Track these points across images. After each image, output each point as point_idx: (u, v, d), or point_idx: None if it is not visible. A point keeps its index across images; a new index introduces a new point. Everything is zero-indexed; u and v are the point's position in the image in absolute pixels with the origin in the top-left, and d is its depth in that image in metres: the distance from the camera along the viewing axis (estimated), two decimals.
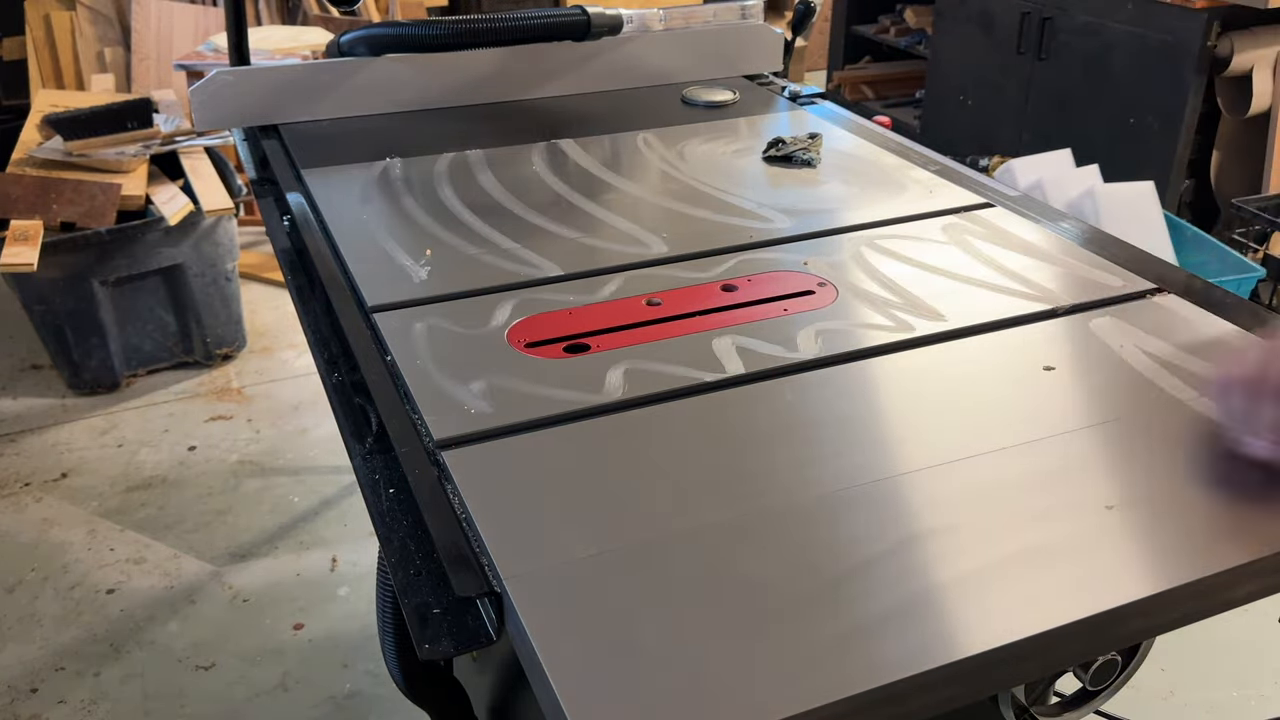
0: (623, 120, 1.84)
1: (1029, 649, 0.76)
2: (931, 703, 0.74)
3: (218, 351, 3.44)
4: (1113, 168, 3.35)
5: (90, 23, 4.46)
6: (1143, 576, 0.82)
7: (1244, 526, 0.87)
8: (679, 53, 2.02)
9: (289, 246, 1.44)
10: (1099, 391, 1.06)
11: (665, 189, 1.56)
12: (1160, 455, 0.96)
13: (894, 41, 5.19)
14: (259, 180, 1.66)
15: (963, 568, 0.82)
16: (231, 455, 3.02)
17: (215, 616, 2.45)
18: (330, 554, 2.64)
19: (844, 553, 0.84)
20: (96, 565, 2.61)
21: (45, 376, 3.40)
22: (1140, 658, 1.04)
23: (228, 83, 1.75)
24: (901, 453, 0.96)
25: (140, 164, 3.23)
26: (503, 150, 1.70)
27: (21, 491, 2.88)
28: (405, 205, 1.49)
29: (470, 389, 1.05)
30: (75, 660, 2.33)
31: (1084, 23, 3.79)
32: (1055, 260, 1.33)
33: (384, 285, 1.26)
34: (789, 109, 1.91)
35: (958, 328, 1.17)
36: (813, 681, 0.72)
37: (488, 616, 0.81)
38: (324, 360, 1.17)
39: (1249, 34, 3.44)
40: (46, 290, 3.08)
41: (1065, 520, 0.88)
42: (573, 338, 1.16)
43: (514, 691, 1.34)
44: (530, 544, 0.84)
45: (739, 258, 1.34)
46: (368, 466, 0.98)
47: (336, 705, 2.23)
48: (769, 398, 1.05)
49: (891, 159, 1.67)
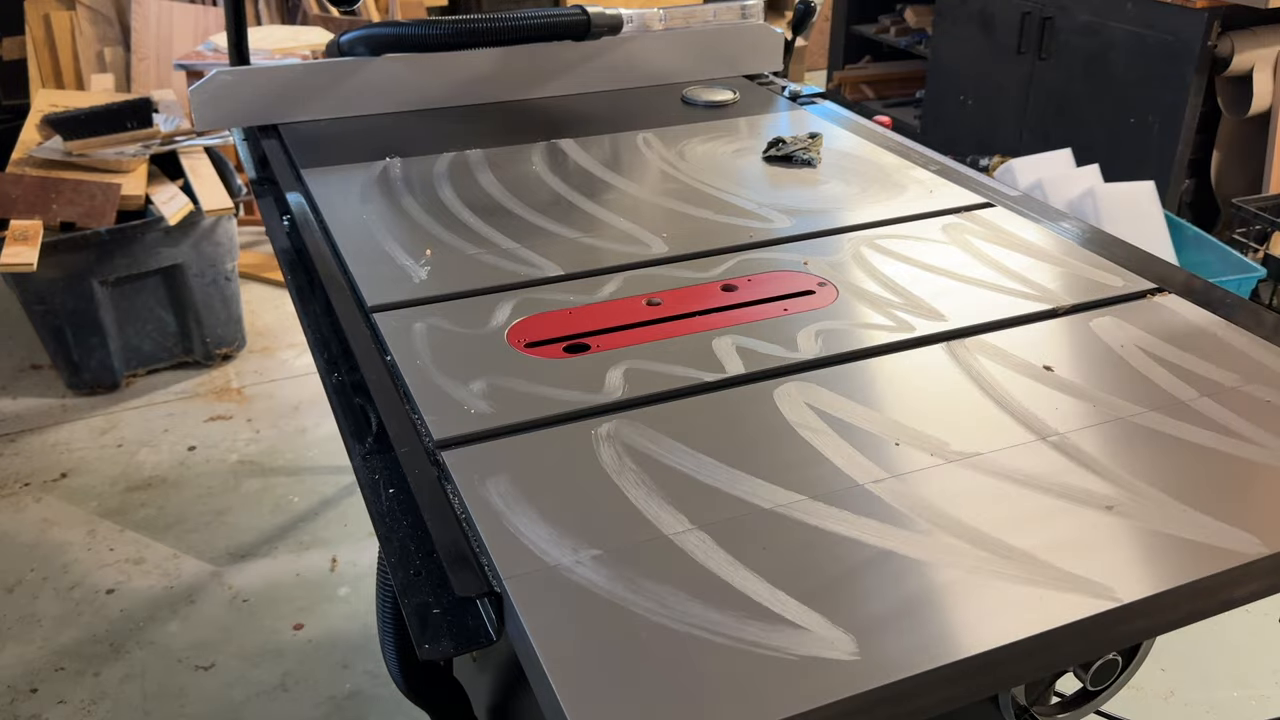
0: (623, 120, 1.84)
1: (1029, 649, 0.76)
2: (931, 703, 0.74)
3: (217, 351, 3.44)
4: (1113, 168, 3.36)
5: (90, 22, 4.46)
6: (1143, 576, 0.82)
7: (1244, 526, 0.87)
8: (679, 53, 2.02)
9: (289, 246, 1.44)
10: (1099, 391, 1.06)
11: (665, 189, 1.56)
12: (1160, 455, 0.96)
13: (894, 41, 5.19)
14: (259, 180, 1.66)
15: (962, 568, 0.82)
16: (231, 455, 3.02)
17: (215, 616, 2.45)
18: (330, 554, 2.64)
19: (844, 553, 0.84)
20: (96, 565, 2.61)
21: (45, 376, 3.40)
22: (1140, 658, 1.04)
23: (228, 83, 1.75)
24: (901, 453, 0.96)
25: (140, 164, 3.23)
26: (503, 150, 1.70)
27: (21, 491, 2.88)
28: (405, 205, 1.49)
29: (470, 389, 1.05)
30: (75, 660, 2.33)
31: (1084, 22, 3.79)
32: (1055, 260, 1.33)
33: (384, 285, 1.26)
34: (789, 109, 1.91)
35: (958, 327, 1.17)
36: (812, 681, 0.72)
37: (488, 616, 0.81)
38: (324, 360, 1.17)
39: (1249, 34, 3.44)
40: (46, 290, 3.08)
41: (1065, 520, 0.88)
42: (573, 338, 1.16)
43: (514, 691, 1.34)
44: (530, 544, 0.84)
45: (739, 258, 1.34)
46: (368, 466, 0.98)
47: (336, 705, 2.23)
48: (769, 398, 1.05)
49: (891, 159, 1.66)
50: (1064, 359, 1.11)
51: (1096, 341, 1.15)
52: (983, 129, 4.39)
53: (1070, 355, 1.12)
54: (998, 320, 1.19)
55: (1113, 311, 1.21)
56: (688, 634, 0.76)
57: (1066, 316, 1.20)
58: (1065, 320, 1.20)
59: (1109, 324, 1.18)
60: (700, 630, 0.76)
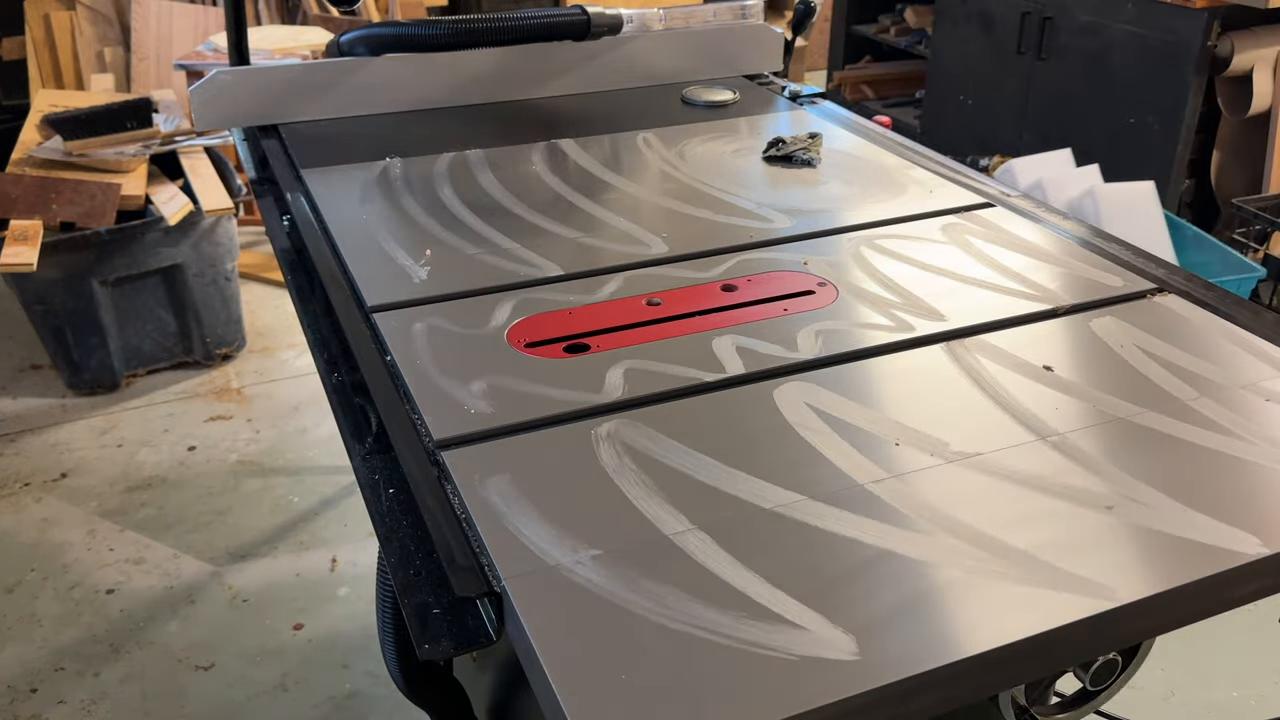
0: (623, 120, 1.84)
1: (1029, 649, 0.76)
2: (931, 703, 0.74)
3: (217, 351, 3.44)
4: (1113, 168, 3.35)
5: (90, 22, 4.46)
6: (1142, 576, 0.82)
7: (1244, 526, 0.87)
8: (679, 53, 2.02)
9: (289, 246, 1.44)
10: (1099, 391, 1.06)
11: (665, 189, 1.56)
12: (1160, 455, 0.96)
13: (894, 41, 5.19)
14: (259, 180, 1.66)
15: (962, 568, 0.82)
16: (231, 455, 3.02)
17: (215, 616, 2.45)
18: (330, 554, 2.64)
19: (844, 553, 0.84)
20: (96, 565, 2.61)
21: (45, 376, 3.40)
22: (1140, 658, 1.04)
23: (228, 83, 1.75)
24: (901, 453, 0.96)
25: (140, 164, 3.23)
26: (503, 150, 1.70)
27: (21, 491, 2.88)
28: (405, 205, 1.49)
29: (470, 389, 1.05)
30: (75, 660, 2.33)
31: (1084, 23, 3.79)
32: (1055, 260, 1.33)
33: (384, 285, 1.26)
34: (789, 109, 1.91)
35: (958, 327, 1.17)
36: (812, 681, 0.72)
37: (487, 616, 0.81)
38: (324, 360, 1.17)
39: (1249, 34, 3.43)
40: (46, 290, 3.08)
41: (1065, 520, 0.88)
42: (573, 338, 1.16)
43: (514, 691, 1.34)
44: (530, 544, 0.84)
45: (739, 258, 1.34)
46: (368, 466, 0.98)
47: (336, 705, 2.22)
48: (769, 398, 1.05)
49: (891, 159, 1.66)
50: (1064, 359, 1.11)
51: (1096, 341, 1.15)
52: (983, 129, 4.39)
53: (1070, 355, 1.12)
54: (998, 320, 1.19)
55: (1113, 311, 1.21)
56: (688, 634, 0.76)
57: (1066, 316, 1.20)
58: (1065, 320, 1.20)
59: (1109, 324, 1.18)
60: (700, 630, 0.76)
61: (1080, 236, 1.40)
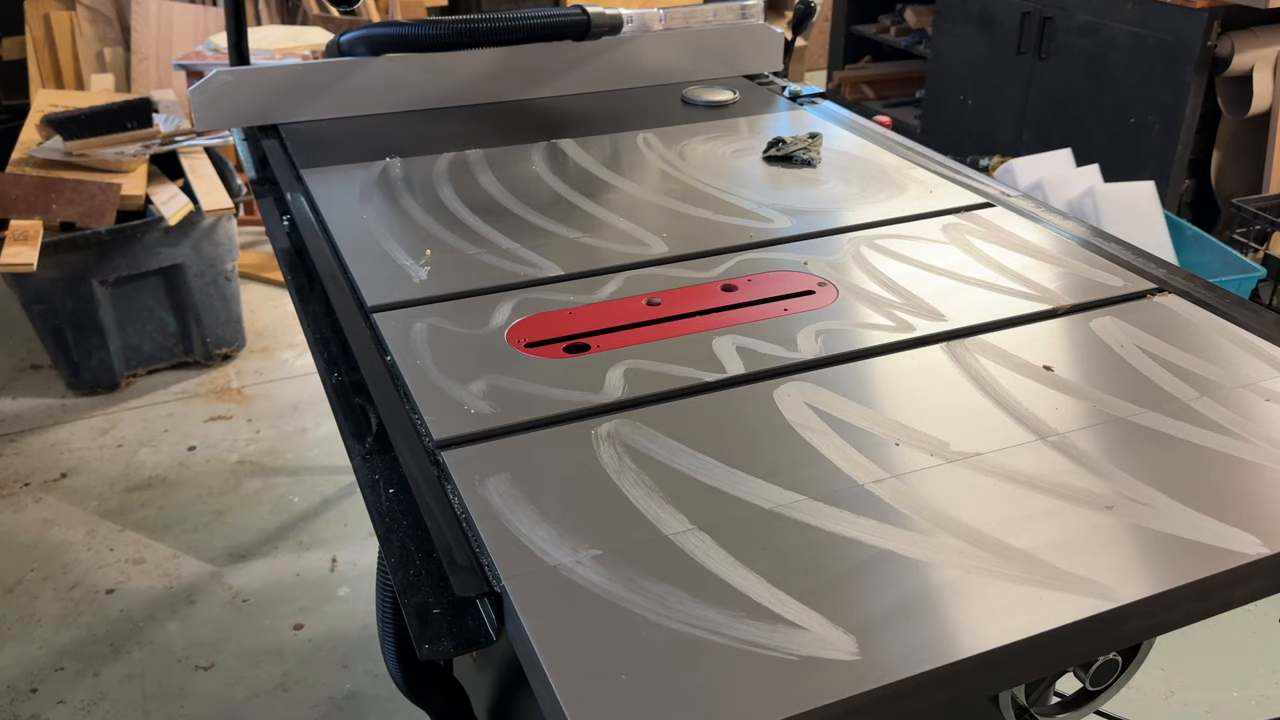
0: (623, 120, 1.84)
1: (1029, 649, 0.76)
2: (932, 703, 0.74)
3: (217, 351, 3.44)
4: (1113, 168, 3.36)
5: (90, 22, 4.46)
6: (1143, 576, 0.82)
7: (1244, 526, 0.87)
8: (679, 53, 2.02)
9: (289, 246, 1.44)
10: (1099, 391, 1.06)
11: (665, 189, 1.56)
12: (1160, 455, 0.96)
13: (894, 41, 5.19)
14: (259, 180, 1.66)
15: (962, 568, 0.82)
16: (231, 455, 3.02)
17: (215, 616, 2.45)
18: (330, 554, 2.64)
19: (844, 553, 0.84)
20: (96, 565, 2.61)
21: (45, 376, 3.40)
22: (1140, 658, 1.04)
23: (228, 83, 1.75)
24: (901, 453, 0.96)
25: (140, 164, 3.23)
26: (503, 150, 1.70)
27: (21, 491, 2.88)
28: (405, 205, 1.49)
29: (470, 389, 1.05)
30: (75, 660, 2.33)
31: (1084, 23, 3.79)
32: (1055, 260, 1.33)
33: (384, 285, 1.26)
34: (789, 109, 1.91)
35: (958, 327, 1.17)
36: (812, 681, 0.72)
37: (487, 616, 0.81)
38: (324, 360, 1.17)
39: (1249, 34, 3.44)
40: (46, 290, 3.08)
41: (1065, 520, 0.88)
42: (573, 338, 1.16)
43: (514, 691, 1.34)
44: (530, 544, 0.84)
45: (739, 258, 1.34)
46: (368, 466, 0.98)
47: (336, 705, 2.22)
48: (769, 398, 1.05)
49: (891, 159, 1.66)
50: (1064, 359, 1.11)
51: (1096, 341, 1.15)
52: (983, 129, 4.39)
53: (1070, 355, 1.12)
54: (998, 320, 1.19)
55: (1113, 311, 1.21)
56: (688, 634, 0.76)
57: (1066, 316, 1.20)
58: (1065, 320, 1.20)
59: (1109, 324, 1.18)
60: (700, 630, 0.76)
61: (1080, 236, 1.40)
